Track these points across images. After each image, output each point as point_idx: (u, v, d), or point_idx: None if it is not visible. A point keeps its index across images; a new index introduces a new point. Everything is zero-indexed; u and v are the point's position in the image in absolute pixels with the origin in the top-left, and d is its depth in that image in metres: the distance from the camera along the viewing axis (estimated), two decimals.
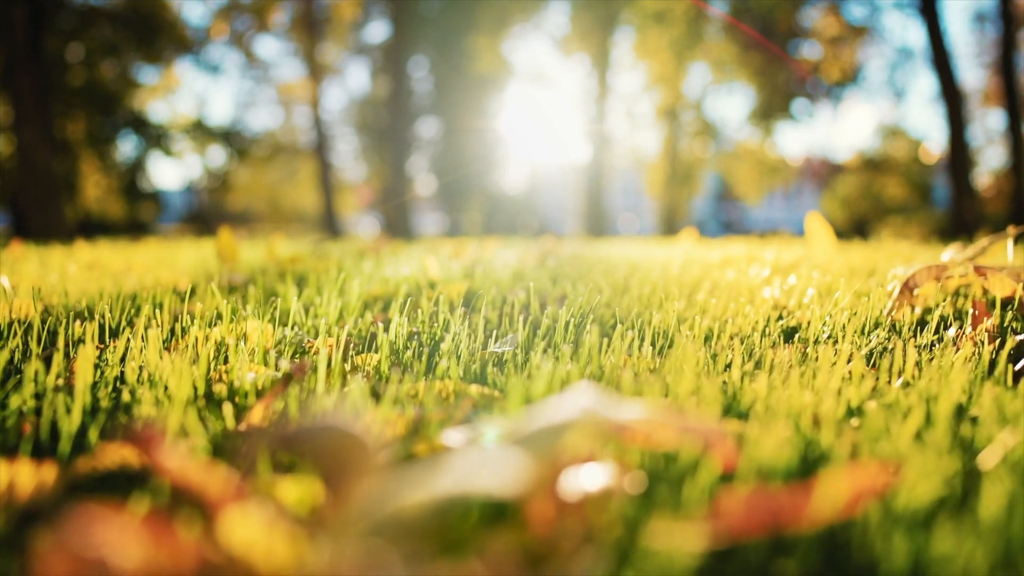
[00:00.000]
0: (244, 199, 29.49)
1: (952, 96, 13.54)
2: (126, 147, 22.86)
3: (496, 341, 1.09)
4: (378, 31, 24.01)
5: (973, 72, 23.31)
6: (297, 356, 1.02)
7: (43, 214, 11.56)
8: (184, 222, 29.05)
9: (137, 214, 24.13)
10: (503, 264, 2.28)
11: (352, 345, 1.10)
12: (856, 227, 24.04)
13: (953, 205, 14.08)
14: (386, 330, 1.11)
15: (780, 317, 1.24)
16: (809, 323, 1.14)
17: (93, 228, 21.25)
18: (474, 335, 1.22)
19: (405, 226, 17.44)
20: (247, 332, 1.15)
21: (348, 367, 0.93)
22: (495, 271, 1.87)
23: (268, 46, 62.03)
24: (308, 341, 1.05)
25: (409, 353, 0.94)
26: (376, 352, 0.99)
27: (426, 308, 1.24)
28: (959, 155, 13.64)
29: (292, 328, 1.18)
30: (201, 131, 23.20)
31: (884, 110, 27.29)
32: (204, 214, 27.87)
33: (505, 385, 0.85)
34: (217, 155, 24.75)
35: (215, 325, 1.09)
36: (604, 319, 1.21)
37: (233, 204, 29.96)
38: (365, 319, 1.25)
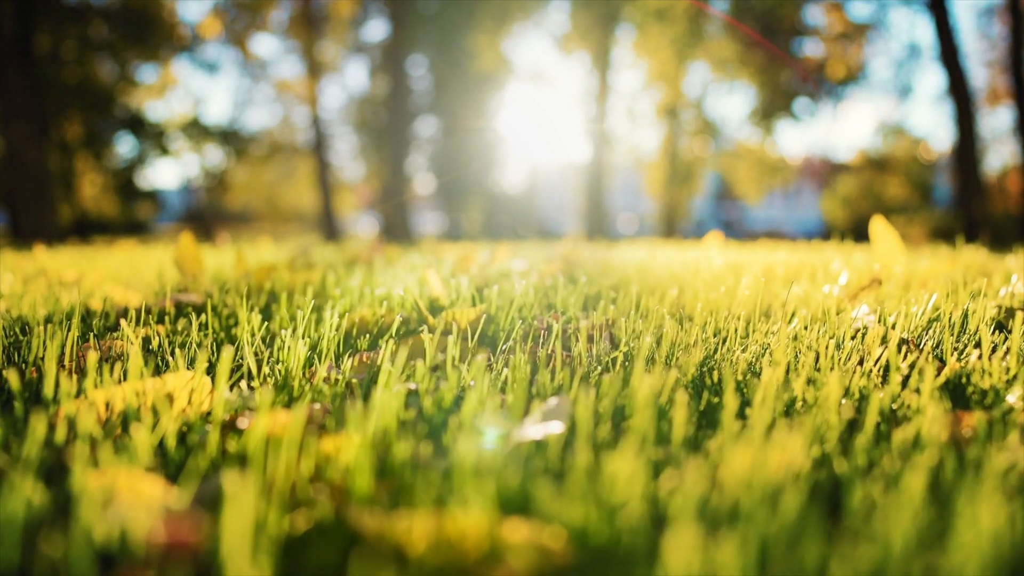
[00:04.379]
0: (242, 198, 29.23)
1: (961, 93, 13.21)
2: (123, 146, 22.58)
3: (532, 404, 0.74)
4: (377, 29, 23.69)
5: (977, 70, 23.02)
6: (231, 443, 0.67)
7: (34, 213, 11.28)
8: (182, 221, 28.74)
9: (134, 213, 23.89)
10: (520, 276, 1.93)
11: (320, 417, 0.74)
12: (857, 227, 23.78)
13: (962, 204, 13.73)
14: (366, 398, 0.76)
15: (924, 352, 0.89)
16: (984, 374, 0.80)
17: (90, 227, 20.97)
18: (495, 387, 0.87)
19: (404, 226, 17.09)
20: (171, 391, 0.80)
21: (307, 468, 0.58)
22: (513, 288, 1.52)
23: (266, 44, 61.50)
24: (245, 412, 0.70)
25: (404, 446, 0.59)
26: (358, 414, 0.64)
27: (430, 350, 0.89)
28: (967, 153, 13.29)
29: (235, 387, 0.83)
30: (198, 130, 22.93)
31: (886, 108, 27.03)
32: (202, 213, 27.62)
33: (561, 514, 0.50)
34: (215, 154, 24.46)
35: (114, 380, 0.74)
36: (686, 368, 0.86)
37: (231, 203, 29.70)
38: (345, 366, 0.90)
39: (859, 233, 21.13)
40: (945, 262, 2.23)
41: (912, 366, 0.86)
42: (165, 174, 70.77)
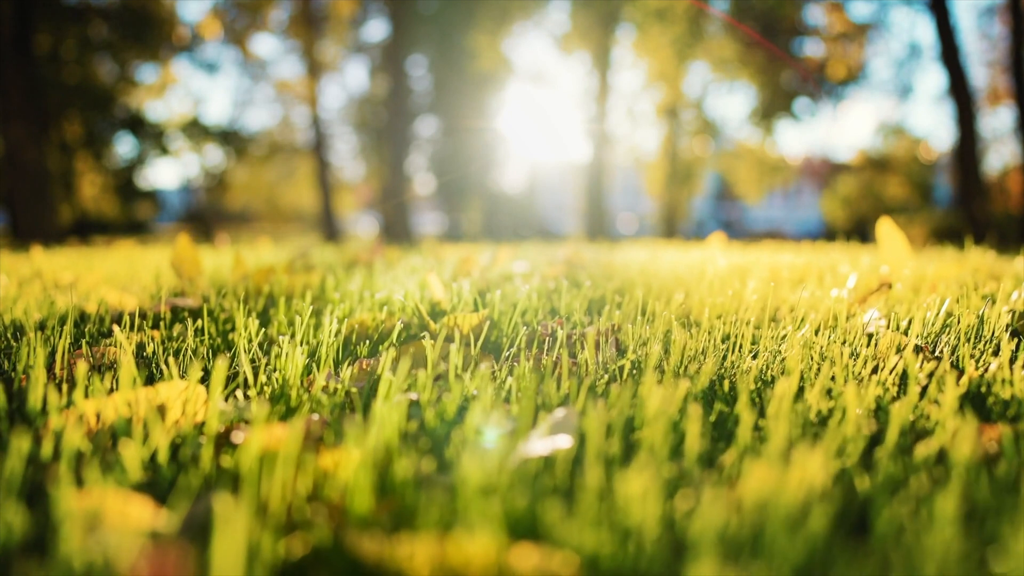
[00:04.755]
0: (242, 198, 29.23)
1: (962, 93, 13.16)
2: (123, 146, 22.58)
3: (538, 415, 0.71)
4: (377, 29, 23.66)
5: (977, 70, 22.99)
6: (225, 458, 0.64)
7: (33, 213, 11.26)
8: (182, 221, 28.74)
9: (134, 213, 23.89)
10: (522, 279, 1.90)
11: (318, 429, 0.72)
12: (857, 227, 23.81)
13: (963, 204, 13.68)
14: (366, 408, 0.73)
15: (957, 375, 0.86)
16: (1004, 384, 0.77)
17: (90, 227, 20.98)
18: (499, 397, 0.84)
19: (404, 226, 17.05)
20: (164, 401, 0.78)
21: (304, 486, 0.55)
22: (515, 291, 1.49)
23: (266, 44, 61.49)
24: (240, 425, 0.67)
25: (405, 463, 0.56)
26: (357, 429, 0.62)
27: (432, 358, 0.87)
28: (969, 153, 13.24)
29: (231, 396, 0.80)
30: (198, 130, 22.90)
31: (886, 108, 27.00)
32: (202, 213, 27.61)
33: (572, 539, 0.47)
34: (215, 154, 24.44)
35: (108, 390, 0.71)
36: (697, 378, 0.84)
37: (231, 203, 29.69)
38: (344, 374, 0.88)
39: (859, 233, 21.11)
40: (953, 264, 2.20)
41: (931, 375, 0.84)
42: (165, 174, 70.70)
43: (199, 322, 1.19)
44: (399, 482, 0.55)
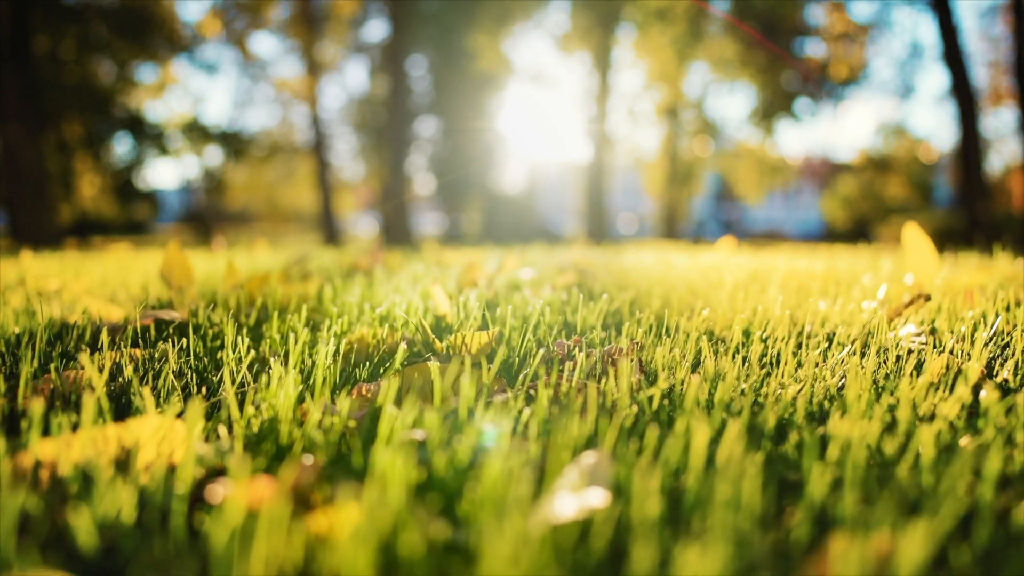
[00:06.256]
0: (242, 198, 29.19)
1: (964, 93, 13.07)
2: (122, 146, 22.49)
3: (562, 457, 0.61)
4: (377, 29, 23.57)
5: (978, 70, 22.89)
6: (201, 514, 0.54)
7: (32, 214, 11.17)
8: (182, 222, 28.69)
9: (133, 214, 23.83)
10: (531, 287, 1.81)
11: (311, 476, 0.62)
12: (857, 227, 23.79)
13: (965, 205, 13.58)
14: (365, 446, 0.63)
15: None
16: None
17: (90, 228, 20.94)
18: (514, 428, 0.75)
19: (404, 226, 16.95)
20: (137, 439, 0.68)
21: (292, 558, 0.46)
22: (526, 304, 1.40)
23: (266, 44, 61.38)
24: (219, 477, 0.58)
25: (414, 535, 0.47)
26: (353, 488, 0.52)
27: (439, 387, 0.77)
28: (971, 154, 13.14)
29: (213, 431, 0.71)
30: (198, 130, 22.82)
31: (887, 108, 26.92)
32: (202, 214, 27.54)
33: None
34: (214, 154, 24.34)
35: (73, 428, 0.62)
36: (743, 410, 0.74)
37: (231, 203, 29.62)
38: (342, 405, 0.78)
39: (860, 234, 21.02)
40: (980, 272, 2.10)
41: (1009, 411, 0.74)
42: (164, 174, 70.60)
43: (184, 340, 1.09)
44: (406, 558, 0.46)
